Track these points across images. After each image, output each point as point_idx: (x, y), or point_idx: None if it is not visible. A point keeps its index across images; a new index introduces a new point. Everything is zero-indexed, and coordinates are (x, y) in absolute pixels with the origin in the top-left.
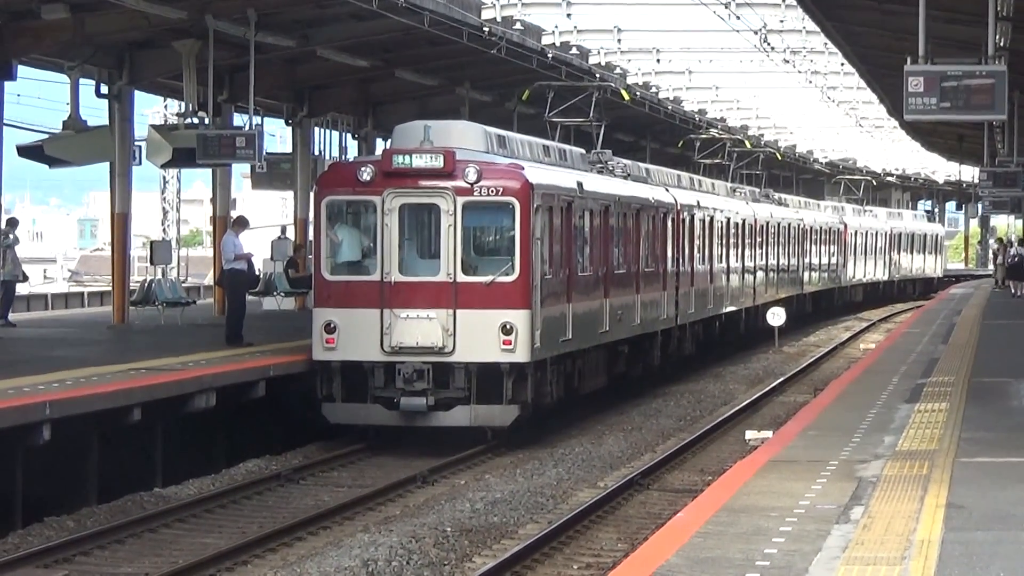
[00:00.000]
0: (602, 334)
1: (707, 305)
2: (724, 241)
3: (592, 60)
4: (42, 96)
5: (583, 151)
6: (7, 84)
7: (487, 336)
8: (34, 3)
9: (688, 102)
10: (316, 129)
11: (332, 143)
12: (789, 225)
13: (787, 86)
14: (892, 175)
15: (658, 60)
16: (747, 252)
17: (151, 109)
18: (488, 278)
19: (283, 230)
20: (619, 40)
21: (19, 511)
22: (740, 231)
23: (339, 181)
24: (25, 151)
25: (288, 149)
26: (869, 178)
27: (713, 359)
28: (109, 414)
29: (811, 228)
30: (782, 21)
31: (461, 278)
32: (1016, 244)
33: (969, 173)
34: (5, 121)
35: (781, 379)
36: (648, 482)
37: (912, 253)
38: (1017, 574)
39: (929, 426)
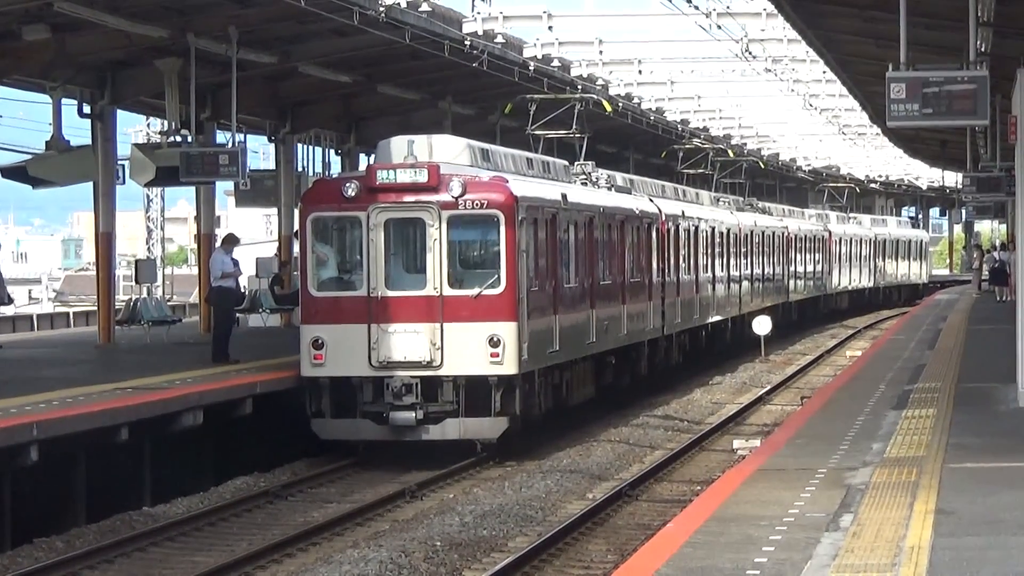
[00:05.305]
0: (589, 345)
1: (693, 315)
2: (709, 251)
3: (574, 72)
4: (24, 116)
5: (566, 163)
6: None
7: (475, 349)
8: (15, 24)
9: (671, 112)
10: (299, 145)
11: (315, 159)
12: (774, 234)
13: (769, 95)
14: (875, 182)
15: (640, 71)
16: (732, 261)
17: (134, 128)
18: (474, 291)
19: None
20: (601, 51)
21: (8, 532)
22: (725, 240)
23: (324, 197)
24: (8, 172)
25: (271, 166)
26: (852, 185)
27: (700, 369)
28: (97, 434)
29: (795, 236)
30: (763, 30)
31: (448, 292)
32: (998, 249)
33: (952, 178)
34: None
35: (768, 388)
36: (637, 493)
37: (897, 259)
38: None
39: (917, 432)
